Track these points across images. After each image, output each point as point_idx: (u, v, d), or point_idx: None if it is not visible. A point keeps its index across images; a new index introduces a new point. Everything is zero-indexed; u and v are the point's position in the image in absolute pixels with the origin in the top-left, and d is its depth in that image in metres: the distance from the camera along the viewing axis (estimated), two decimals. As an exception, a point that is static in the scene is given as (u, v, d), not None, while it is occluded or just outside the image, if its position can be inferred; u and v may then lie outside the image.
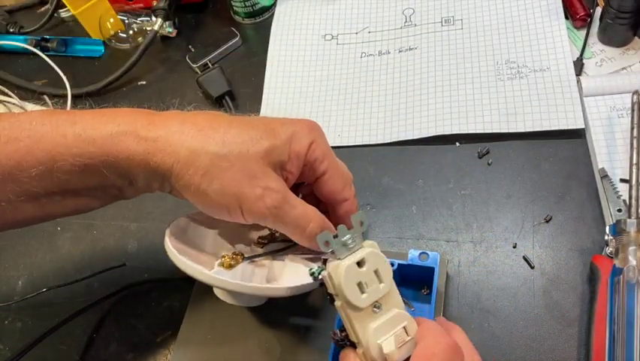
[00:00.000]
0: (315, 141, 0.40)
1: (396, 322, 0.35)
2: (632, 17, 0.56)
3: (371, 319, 0.35)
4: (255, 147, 0.37)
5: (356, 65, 0.65)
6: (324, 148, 0.41)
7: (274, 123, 0.40)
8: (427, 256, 0.44)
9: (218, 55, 0.69)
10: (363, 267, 0.34)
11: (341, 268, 0.34)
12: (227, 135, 0.37)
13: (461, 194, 0.53)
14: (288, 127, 0.39)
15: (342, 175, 0.42)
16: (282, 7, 0.71)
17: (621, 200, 0.47)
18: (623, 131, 0.52)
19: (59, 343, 0.50)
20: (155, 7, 0.69)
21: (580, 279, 0.46)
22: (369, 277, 0.34)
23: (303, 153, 0.39)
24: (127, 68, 0.67)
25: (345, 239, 0.34)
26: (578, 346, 0.44)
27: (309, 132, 0.40)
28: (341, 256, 0.34)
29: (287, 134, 0.39)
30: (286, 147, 0.39)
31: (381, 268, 0.35)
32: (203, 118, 0.38)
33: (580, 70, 0.57)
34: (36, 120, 0.36)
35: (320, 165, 0.41)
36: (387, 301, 0.35)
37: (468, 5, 0.66)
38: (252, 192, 0.37)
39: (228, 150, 0.37)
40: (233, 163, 0.36)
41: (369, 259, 0.34)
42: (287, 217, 0.38)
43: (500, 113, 0.56)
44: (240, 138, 0.37)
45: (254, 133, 0.38)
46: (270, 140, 0.38)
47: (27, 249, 0.58)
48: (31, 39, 0.74)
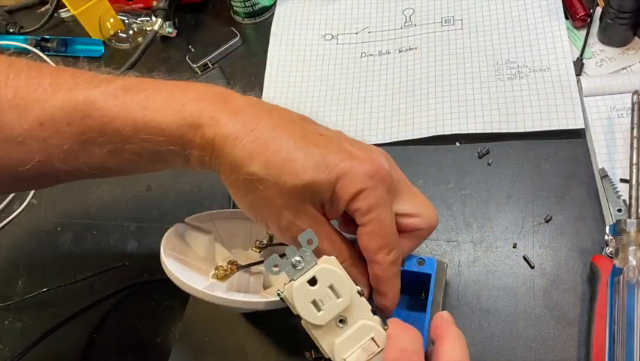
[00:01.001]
0: (366, 191, 0.35)
1: (363, 334, 0.34)
2: (632, 17, 0.56)
3: (336, 334, 0.34)
4: (294, 180, 0.35)
5: (356, 65, 0.65)
6: (374, 201, 0.36)
7: (331, 151, 0.36)
8: (424, 262, 0.43)
9: (218, 55, 0.69)
10: (315, 285, 0.33)
11: (291, 289, 0.33)
12: (275, 156, 0.35)
13: (461, 194, 0.53)
14: (343, 163, 0.35)
15: (383, 237, 0.37)
16: (282, 7, 0.71)
17: (621, 200, 0.47)
18: (623, 131, 0.52)
19: (59, 343, 0.50)
20: (155, 7, 0.69)
21: (580, 279, 0.46)
22: (323, 293, 0.33)
23: (345, 199, 0.36)
24: (127, 68, 0.67)
25: (294, 260, 0.34)
26: (578, 346, 0.44)
27: (364, 180, 0.35)
28: (293, 277, 0.34)
29: (337, 172, 0.35)
30: (330, 186, 0.35)
31: (336, 283, 0.34)
32: (269, 124, 0.36)
33: (580, 70, 0.57)
34: (108, 100, 0.37)
35: (361, 216, 0.36)
36: (351, 315, 0.34)
37: (468, 5, 0.66)
38: (279, 222, 0.36)
39: (267, 174, 0.35)
40: (267, 188, 0.35)
41: (321, 276, 0.34)
42: (319, 248, 0.36)
43: (500, 113, 0.56)
44: (284, 165, 0.35)
45: (301, 162, 0.35)
46: (314, 175, 0.35)
47: (27, 249, 0.58)
48: (31, 39, 0.74)
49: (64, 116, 0.36)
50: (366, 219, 0.36)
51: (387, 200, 0.37)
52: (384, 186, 0.36)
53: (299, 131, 0.37)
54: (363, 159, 0.36)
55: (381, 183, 0.36)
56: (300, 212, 0.36)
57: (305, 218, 0.36)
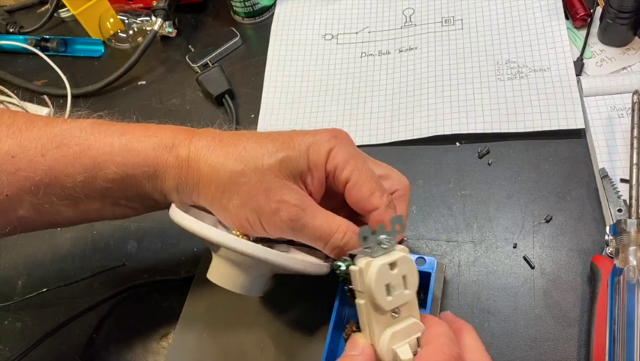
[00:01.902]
0: (336, 148, 0.39)
1: (412, 331, 0.35)
2: (632, 17, 0.56)
3: (389, 323, 0.34)
4: (270, 159, 0.37)
5: (356, 65, 0.65)
6: (347, 154, 0.39)
7: (294, 135, 0.39)
8: (424, 261, 0.44)
9: (218, 55, 0.69)
10: (394, 270, 0.34)
11: (374, 266, 0.33)
12: (246, 150, 0.38)
13: (461, 194, 0.53)
14: (307, 137, 0.39)
15: (369, 181, 0.39)
16: (282, 7, 0.71)
17: (621, 200, 0.47)
18: (623, 132, 0.52)
19: (59, 343, 0.50)
20: (155, 7, 0.69)
21: (580, 279, 0.46)
22: (397, 280, 0.34)
23: (321, 162, 0.38)
24: (127, 68, 0.67)
25: (382, 238, 0.34)
26: (578, 346, 0.44)
27: (328, 140, 0.39)
28: (375, 255, 0.34)
29: (305, 144, 0.38)
30: (303, 157, 0.38)
31: (409, 275, 0.35)
32: (229, 135, 0.39)
33: (580, 70, 0.57)
34: (86, 129, 0.38)
35: (342, 172, 0.39)
36: (406, 309, 0.35)
37: (468, 5, 0.66)
38: (268, 206, 0.37)
39: (245, 165, 0.37)
40: (249, 178, 0.37)
41: (400, 263, 0.34)
42: (307, 229, 0.38)
43: (500, 113, 0.56)
44: (256, 152, 0.37)
45: (270, 146, 0.38)
46: (286, 151, 0.38)
47: (27, 249, 0.58)
48: (31, 39, 0.74)
49: (39, 147, 0.37)
50: (347, 172, 0.39)
51: (359, 154, 0.40)
52: (350, 143, 0.40)
53: (255, 133, 0.40)
54: (321, 130, 0.40)
55: (346, 140, 0.40)
56: (284, 188, 0.37)
57: (292, 194, 0.37)
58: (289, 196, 0.37)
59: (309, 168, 0.38)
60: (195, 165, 0.38)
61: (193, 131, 0.40)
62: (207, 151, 0.38)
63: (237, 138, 0.39)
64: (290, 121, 0.61)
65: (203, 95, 0.66)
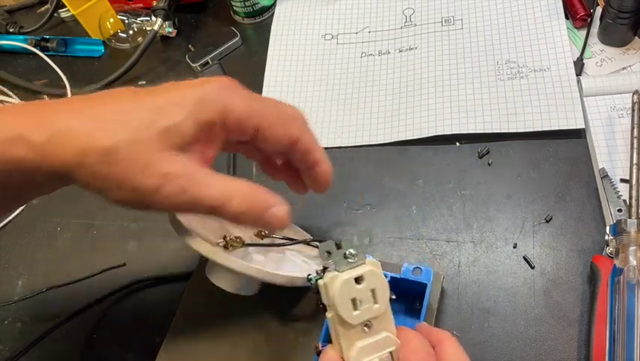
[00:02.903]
0: (230, 101, 0.34)
1: (384, 345, 0.34)
2: (632, 17, 0.56)
3: (359, 337, 0.34)
4: (147, 131, 0.32)
5: (356, 65, 0.65)
6: (245, 104, 0.34)
7: (174, 93, 0.34)
8: (420, 271, 0.43)
9: (218, 55, 0.69)
10: (360, 284, 0.33)
11: (337, 281, 0.33)
12: (118, 123, 0.32)
13: (461, 194, 0.53)
14: (192, 93, 0.33)
15: (280, 118, 0.35)
16: (282, 7, 0.71)
17: (621, 200, 0.47)
18: (623, 132, 0.52)
19: (59, 343, 0.50)
20: (155, 7, 0.69)
21: (580, 279, 0.46)
22: (364, 295, 0.33)
23: (217, 121, 0.34)
24: (127, 68, 0.67)
25: (348, 253, 0.34)
26: (578, 346, 0.44)
27: (218, 94, 0.34)
28: (340, 269, 0.34)
29: (190, 104, 0.33)
30: (189, 121, 0.33)
31: (378, 289, 0.34)
32: (93, 99, 0.34)
33: (580, 70, 0.57)
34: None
35: (247, 124, 0.35)
36: (379, 323, 0.34)
37: (468, 5, 0.66)
38: (149, 183, 0.32)
39: (116, 142, 0.31)
40: (123, 156, 0.32)
41: (367, 277, 0.34)
42: (201, 200, 0.33)
43: (500, 113, 0.56)
44: (131, 124, 0.32)
45: (147, 114, 0.32)
46: (167, 119, 0.32)
47: (27, 249, 0.58)
48: (31, 39, 0.74)
49: None
50: (254, 122, 0.35)
51: (257, 96, 0.36)
52: (243, 88, 0.35)
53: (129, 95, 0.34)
54: (208, 81, 0.34)
55: (238, 87, 0.35)
56: (166, 161, 0.32)
57: (176, 165, 0.33)
58: (173, 168, 0.32)
59: (202, 130, 0.33)
60: (58, 150, 0.31)
61: (45, 108, 0.33)
62: (71, 132, 0.32)
63: (105, 104, 0.33)
64: (290, 121, 0.61)
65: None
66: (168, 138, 0.32)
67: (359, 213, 0.54)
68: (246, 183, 0.35)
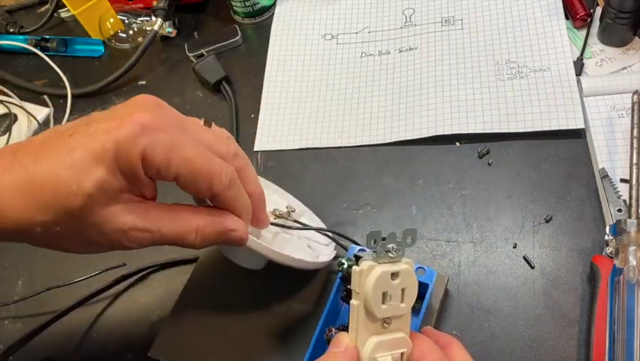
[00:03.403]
0: (148, 147, 0.31)
1: (399, 345, 0.34)
2: (632, 17, 0.56)
3: (377, 331, 0.34)
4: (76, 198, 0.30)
5: (356, 65, 0.65)
6: (164, 149, 0.31)
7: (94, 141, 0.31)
8: (423, 272, 0.43)
9: (215, 49, 0.69)
10: (395, 280, 0.34)
11: (376, 271, 0.33)
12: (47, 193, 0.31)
13: (461, 194, 0.53)
14: (108, 142, 0.30)
15: (201, 169, 0.33)
16: (282, 7, 0.71)
17: (621, 200, 0.47)
18: (623, 132, 0.52)
19: (58, 342, 0.50)
20: (155, 7, 0.69)
21: (580, 279, 0.46)
22: (395, 291, 0.34)
23: (137, 172, 0.31)
24: (127, 68, 0.67)
25: (390, 246, 0.34)
26: (578, 346, 0.44)
27: (135, 140, 0.31)
28: (379, 260, 0.34)
29: (108, 158, 0.31)
30: (112, 176, 0.31)
31: (408, 289, 0.34)
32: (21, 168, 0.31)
33: (580, 70, 0.57)
34: None
35: (168, 172, 0.32)
36: (397, 322, 0.35)
37: (468, 5, 0.66)
38: (106, 240, 0.33)
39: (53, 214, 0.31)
40: (65, 224, 0.31)
41: (402, 275, 0.34)
42: (160, 241, 0.34)
43: (500, 113, 0.56)
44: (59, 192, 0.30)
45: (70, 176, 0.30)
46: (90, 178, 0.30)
47: (27, 249, 0.57)
48: (31, 39, 0.74)
49: None
50: (173, 170, 0.32)
51: (177, 133, 0.33)
52: (161, 124, 0.32)
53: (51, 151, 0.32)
54: (122, 122, 0.31)
55: (156, 125, 0.32)
56: (113, 217, 0.32)
57: (124, 218, 0.32)
58: (120, 224, 0.32)
59: (129, 179, 0.32)
60: None
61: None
62: (2, 204, 0.31)
63: (26, 170, 0.31)
64: (290, 121, 0.62)
65: (201, 84, 0.67)
66: (99, 197, 0.31)
67: (359, 213, 0.54)
68: (196, 215, 0.35)
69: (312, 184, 0.56)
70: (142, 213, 0.33)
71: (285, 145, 0.60)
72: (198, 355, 0.45)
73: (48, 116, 0.68)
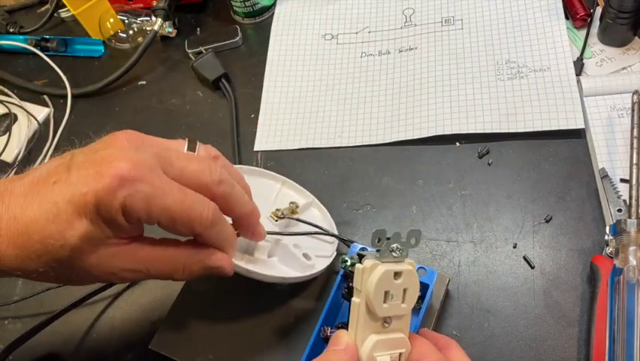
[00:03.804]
0: (126, 200, 0.32)
1: (397, 345, 0.35)
2: (632, 17, 0.56)
3: (377, 330, 0.34)
4: (63, 251, 0.32)
5: (356, 65, 0.65)
6: (143, 202, 0.32)
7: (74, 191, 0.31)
8: (424, 272, 0.43)
9: (214, 48, 0.69)
10: (397, 280, 0.34)
11: (379, 270, 0.33)
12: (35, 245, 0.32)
13: (461, 194, 0.53)
14: (89, 193, 0.31)
15: (181, 214, 0.34)
16: (282, 7, 0.71)
17: (621, 200, 0.47)
18: (623, 132, 0.52)
19: (58, 342, 0.50)
20: (155, 7, 0.69)
21: (580, 279, 0.46)
22: (397, 291, 0.34)
23: (120, 223, 0.32)
24: (127, 68, 0.67)
25: (394, 246, 0.34)
26: (578, 346, 0.44)
27: (114, 192, 0.31)
28: (382, 259, 0.34)
29: (89, 211, 0.31)
30: (94, 226, 0.32)
31: (410, 289, 0.35)
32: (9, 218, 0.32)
33: (580, 70, 0.57)
34: None
35: (150, 219, 0.33)
36: (398, 323, 0.35)
37: (468, 5, 0.66)
38: (100, 279, 0.35)
39: (44, 263, 0.32)
40: (57, 271, 0.33)
41: (405, 275, 0.34)
42: (146, 279, 0.36)
43: (500, 113, 0.56)
44: (46, 243, 0.32)
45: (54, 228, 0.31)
46: (73, 230, 0.32)
47: (27, 249, 0.58)
48: (31, 39, 0.74)
49: None
50: (155, 217, 0.33)
51: (155, 180, 0.33)
52: (140, 175, 0.32)
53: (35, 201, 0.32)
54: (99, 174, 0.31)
55: (135, 175, 0.32)
56: (105, 261, 0.34)
57: (115, 262, 0.34)
58: (110, 268, 0.34)
59: (112, 229, 0.33)
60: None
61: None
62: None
63: (14, 221, 0.32)
64: (290, 121, 0.62)
65: (201, 82, 0.67)
66: (86, 248, 0.32)
67: (359, 213, 0.54)
68: (183, 253, 0.37)
69: (312, 184, 0.56)
70: (129, 256, 0.35)
71: (285, 145, 0.60)
72: (198, 350, 0.46)
73: (48, 116, 0.68)
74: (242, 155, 0.60)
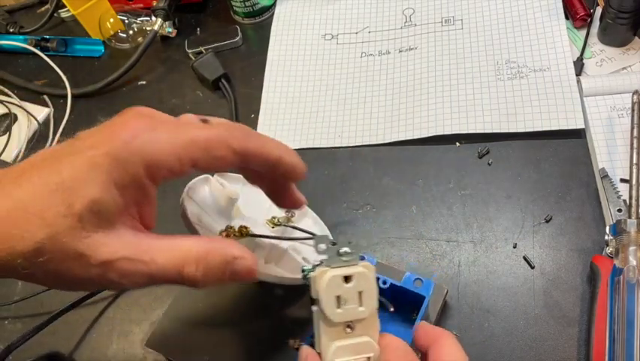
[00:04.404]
0: (149, 150, 0.29)
1: (363, 350, 0.34)
2: (632, 17, 0.56)
3: (339, 337, 0.34)
4: (65, 220, 0.28)
5: (356, 65, 0.65)
6: (169, 145, 0.29)
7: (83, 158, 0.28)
8: (421, 283, 0.43)
9: (214, 48, 0.69)
10: (349, 283, 0.33)
11: (326, 276, 0.33)
12: (31, 218, 0.28)
13: (461, 194, 0.53)
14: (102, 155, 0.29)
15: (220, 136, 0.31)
16: (282, 7, 0.71)
17: (621, 200, 0.47)
18: (623, 131, 0.52)
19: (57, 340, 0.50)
20: (155, 7, 0.69)
21: (580, 279, 0.46)
22: (350, 295, 0.33)
23: (141, 178, 0.29)
24: (127, 68, 0.67)
25: (342, 250, 0.34)
26: (578, 346, 0.44)
27: (132, 146, 0.29)
28: (331, 265, 0.34)
29: (102, 172, 0.28)
30: (107, 193, 0.28)
31: (366, 292, 0.34)
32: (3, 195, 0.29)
33: (580, 70, 0.57)
34: None
35: (178, 162, 0.30)
36: (362, 327, 0.34)
37: (468, 5, 0.66)
38: (91, 274, 0.29)
39: (36, 242, 0.27)
40: (50, 255, 0.28)
41: (356, 278, 0.33)
42: (150, 277, 0.30)
43: (500, 113, 0.56)
44: (46, 216, 0.28)
45: (58, 198, 0.28)
46: (81, 198, 0.28)
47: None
48: (31, 39, 0.74)
49: None
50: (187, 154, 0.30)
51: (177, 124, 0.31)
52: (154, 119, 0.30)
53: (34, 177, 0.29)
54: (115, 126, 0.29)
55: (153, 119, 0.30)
56: (99, 245, 0.29)
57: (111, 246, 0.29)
58: (108, 253, 0.29)
59: (126, 196, 0.29)
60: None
61: None
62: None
63: (9, 197, 0.28)
64: (290, 121, 0.62)
65: (200, 82, 0.67)
66: (90, 220, 0.28)
67: (359, 213, 0.54)
68: (195, 242, 0.31)
69: (312, 184, 0.56)
70: (133, 240, 0.30)
71: (285, 145, 0.60)
72: (193, 350, 0.46)
73: (48, 116, 0.68)
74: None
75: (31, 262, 0.28)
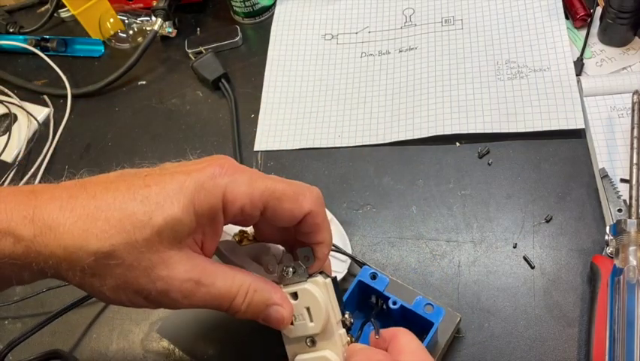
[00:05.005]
0: (230, 189, 0.32)
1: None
2: (632, 17, 0.56)
3: (302, 351, 0.35)
4: (143, 230, 0.29)
5: (356, 65, 0.65)
6: (246, 187, 0.32)
7: (172, 182, 0.31)
8: (432, 308, 0.41)
9: (214, 48, 0.69)
10: (296, 300, 0.35)
11: None
12: (112, 223, 0.29)
13: (461, 194, 0.53)
14: (188, 182, 0.31)
15: (289, 190, 0.34)
16: (282, 7, 0.71)
17: (621, 200, 0.47)
18: (623, 131, 0.52)
19: (57, 340, 0.50)
20: (155, 7, 0.69)
21: (580, 279, 0.46)
22: (299, 311, 0.35)
23: (217, 210, 0.32)
24: (127, 68, 0.67)
25: (286, 270, 0.35)
26: (578, 346, 0.44)
27: (216, 180, 0.31)
28: (284, 282, 0.35)
29: (186, 196, 0.31)
30: (186, 215, 0.30)
31: (313, 308, 0.34)
32: (84, 196, 0.31)
33: (580, 70, 0.57)
34: None
35: (252, 208, 0.32)
36: (323, 342, 0.35)
37: (468, 5, 0.66)
38: (154, 288, 0.31)
39: (112, 245, 0.29)
40: (122, 259, 0.30)
41: (301, 295, 0.35)
42: (205, 301, 0.32)
43: (500, 113, 0.56)
44: (126, 223, 0.29)
45: (142, 210, 0.30)
46: (163, 214, 0.30)
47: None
48: (31, 39, 0.74)
49: None
50: (258, 203, 0.32)
51: (257, 175, 0.33)
52: (240, 169, 0.33)
53: (121, 185, 0.31)
54: (202, 167, 0.32)
55: (235, 168, 0.33)
56: (169, 262, 0.31)
57: (180, 266, 0.31)
58: (177, 271, 0.31)
59: (200, 223, 0.31)
60: (45, 250, 0.29)
61: (36, 197, 0.31)
62: (60, 229, 0.29)
63: (94, 194, 0.30)
64: (290, 121, 0.62)
65: (200, 82, 0.67)
66: (166, 236, 0.30)
67: (359, 213, 0.54)
68: (249, 277, 0.34)
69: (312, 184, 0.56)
70: (200, 264, 0.32)
71: (285, 145, 0.60)
72: (199, 343, 0.46)
73: (48, 116, 0.68)
74: (242, 155, 0.60)
75: (100, 264, 0.29)
